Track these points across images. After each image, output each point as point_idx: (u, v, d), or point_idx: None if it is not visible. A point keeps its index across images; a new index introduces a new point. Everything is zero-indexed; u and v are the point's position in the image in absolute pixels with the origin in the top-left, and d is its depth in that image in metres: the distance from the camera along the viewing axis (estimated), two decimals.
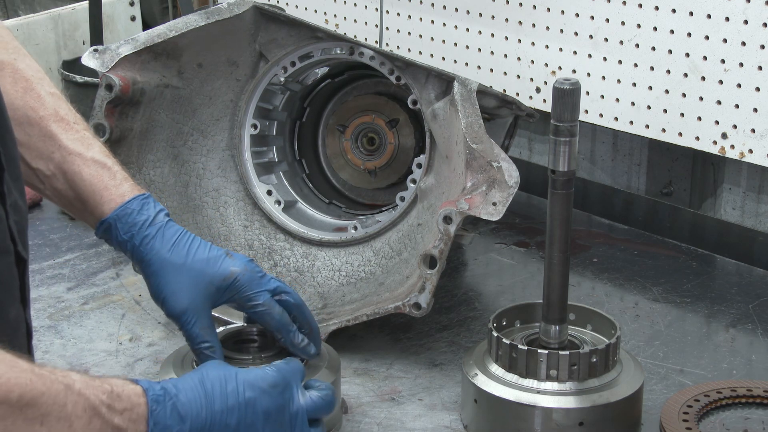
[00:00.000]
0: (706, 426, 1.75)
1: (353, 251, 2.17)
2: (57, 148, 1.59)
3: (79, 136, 1.62)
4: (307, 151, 2.42)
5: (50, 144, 1.58)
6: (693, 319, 2.13)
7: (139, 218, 1.60)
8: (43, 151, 1.58)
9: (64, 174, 1.59)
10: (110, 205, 1.59)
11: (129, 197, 1.61)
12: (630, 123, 2.45)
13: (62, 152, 1.59)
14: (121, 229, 1.60)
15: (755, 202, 2.47)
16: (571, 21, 2.48)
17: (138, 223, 1.60)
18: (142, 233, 1.60)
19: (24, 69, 1.59)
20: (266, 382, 1.41)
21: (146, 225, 1.60)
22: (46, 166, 1.59)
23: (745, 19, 2.20)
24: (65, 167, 1.59)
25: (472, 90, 1.96)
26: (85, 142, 1.62)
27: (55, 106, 1.60)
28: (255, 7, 2.16)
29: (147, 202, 1.63)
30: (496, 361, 1.72)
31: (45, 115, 1.58)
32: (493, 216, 1.81)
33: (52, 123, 1.59)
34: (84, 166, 1.59)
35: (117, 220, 1.60)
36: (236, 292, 1.62)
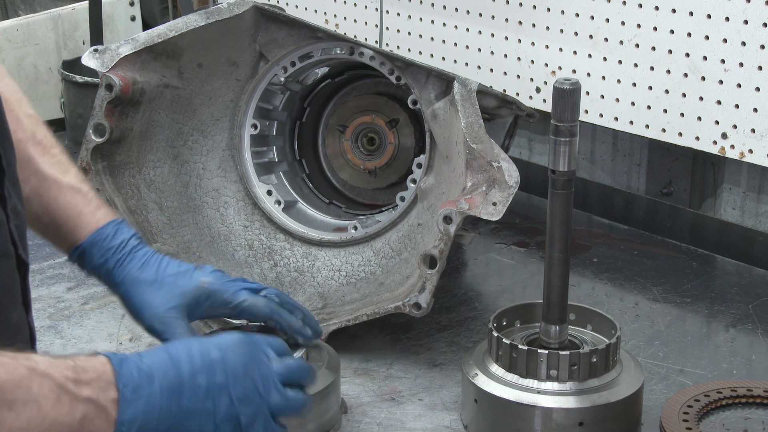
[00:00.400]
0: (706, 426, 1.75)
1: (353, 251, 2.17)
2: (34, 172, 1.60)
3: (56, 160, 1.63)
4: (307, 151, 2.43)
5: (27, 168, 1.59)
6: (693, 319, 2.13)
7: (113, 243, 1.63)
8: (20, 173, 1.55)
9: (40, 198, 1.61)
10: (85, 231, 1.62)
11: (103, 223, 1.64)
12: (630, 123, 2.45)
13: (38, 176, 1.60)
14: (96, 253, 1.63)
15: (755, 202, 2.47)
16: (571, 21, 2.48)
17: (112, 248, 1.63)
18: (116, 257, 1.63)
19: (2, 90, 1.58)
20: (232, 342, 1.40)
21: (119, 249, 1.63)
22: (22, 189, 1.56)
23: (745, 19, 2.20)
24: (41, 191, 1.61)
25: (472, 90, 1.96)
26: (61, 167, 1.63)
27: (33, 129, 1.61)
28: (255, 7, 2.16)
29: (120, 228, 1.65)
30: (496, 361, 1.72)
31: (23, 138, 1.59)
32: (493, 216, 1.81)
33: (30, 146, 1.60)
34: (59, 191, 1.61)
35: (92, 245, 1.62)
36: (213, 299, 1.64)
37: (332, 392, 1.70)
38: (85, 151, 2.07)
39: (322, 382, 1.66)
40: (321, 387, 1.65)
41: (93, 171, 2.08)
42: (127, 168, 2.13)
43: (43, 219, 1.61)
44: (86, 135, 2.07)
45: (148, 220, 2.12)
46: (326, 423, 1.69)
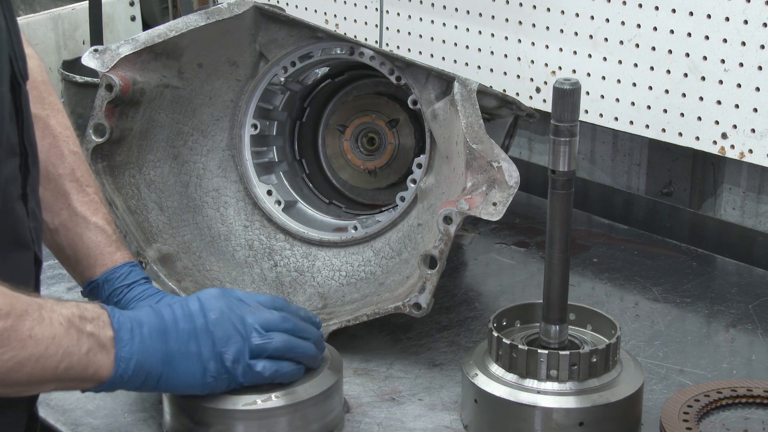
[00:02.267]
0: (706, 426, 1.75)
1: (353, 251, 2.17)
2: (66, 207, 1.72)
3: (89, 199, 1.75)
4: (307, 151, 2.43)
5: (61, 201, 1.72)
6: (693, 319, 2.13)
7: (125, 282, 1.74)
8: (53, 205, 1.71)
9: (67, 231, 1.72)
10: (102, 268, 1.74)
11: (120, 263, 1.75)
12: (630, 123, 2.45)
13: (70, 211, 1.72)
14: (107, 289, 1.73)
15: (755, 202, 2.47)
16: (571, 21, 2.48)
17: (122, 287, 1.73)
18: (123, 293, 1.73)
19: (54, 126, 1.72)
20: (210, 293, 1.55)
21: (128, 288, 1.74)
22: (51, 220, 1.71)
23: (745, 19, 2.20)
24: (70, 226, 1.72)
25: (472, 90, 1.96)
26: (92, 206, 1.75)
27: (74, 166, 1.74)
28: (255, 7, 2.16)
29: (134, 270, 1.77)
30: (496, 361, 1.72)
31: (63, 173, 1.72)
32: (494, 216, 1.81)
33: (67, 182, 1.72)
34: (86, 229, 1.73)
35: (105, 281, 1.74)
36: None
37: (335, 393, 1.70)
38: (85, 152, 2.07)
39: (325, 383, 1.66)
40: (324, 388, 1.66)
41: (93, 171, 2.08)
42: (127, 168, 2.13)
43: (67, 251, 1.73)
44: (86, 135, 2.07)
45: (148, 220, 2.12)
46: (329, 423, 1.69)
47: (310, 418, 1.64)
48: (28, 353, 1.29)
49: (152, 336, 1.45)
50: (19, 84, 1.43)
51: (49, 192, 1.68)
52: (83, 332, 1.36)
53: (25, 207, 1.42)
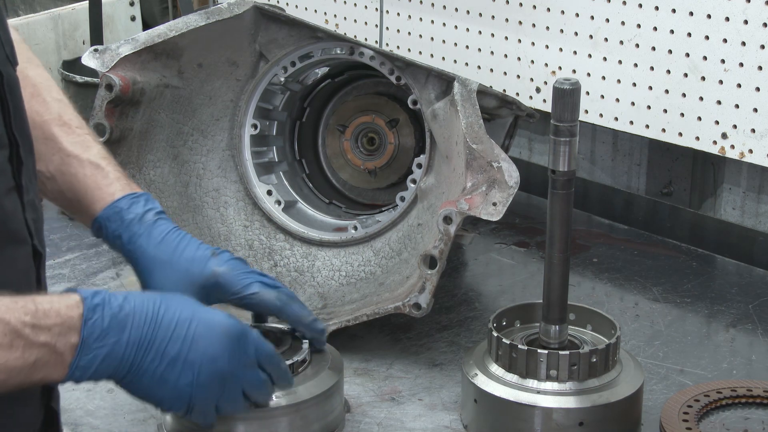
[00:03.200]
0: (706, 426, 1.75)
1: (353, 251, 2.17)
2: (57, 151, 1.62)
3: (80, 139, 1.65)
4: (307, 151, 2.43)
5: (51, 146, 1.62)
6: (693, 319, 2.13)
7: (127, 216, 1.62)
8: (44, 153, 1.61)
9: (62, 175, 1.62)
10: (101, 204, 1.62)
11: (118, 196, 1.63)
12: (630, 123, 2.45)
13: (61, 155, 1.62)
14: (110, 227, 1.63)
15: (755, 202, 2.47)
16: (571, 21, 2.48)
17: (126, 221, 1.62)
18: (130, 231, 1.62)
19: (33, 76, 1.63)
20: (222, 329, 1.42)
21: (134, 222, 1.62)
22: (46, 168, 1.62)
23: (745, 19, 2.20)
24: (63, 169, 1.62)
25: (472, 90, 1.96)
26: (83, 144, 1.65)
27: (60, 111, 1.64)
28: (255, 7, 2.16)
29: (136, 201, 1.64)
30: (496, 361, 1.72)
31: (48, 119, 1.62)
32: (493, 216, 1.81)
33: (55, 126, 1.62)
34: (80, 167, 1.63)
35: (106, 219, 1.63)
36: (223, 290, 1.63)
37: (336, 393, 1.70)
38: None
39: (326, 383, 1.66)
40: (325, 388, 1.65)
41: None
42: (127, 168, 2.13)
43: (67, 195, 1.63)
44: None
45: None
46: (330, 423, 1.68)
47: (311, 418, 1.64)
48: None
49: (129, 346, 1.34)
50: (7, 71, 1.36)
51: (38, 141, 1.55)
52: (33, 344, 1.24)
53: (20, 199, 1.35)
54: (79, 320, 1.30)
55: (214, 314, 1.43)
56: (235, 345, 1.43)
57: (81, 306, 1.31)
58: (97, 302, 1.32)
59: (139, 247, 1.62)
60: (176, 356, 1.37)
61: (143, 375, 1.36)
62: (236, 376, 1.45)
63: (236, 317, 1.47)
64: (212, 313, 1.43)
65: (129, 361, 1.34)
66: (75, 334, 1.29)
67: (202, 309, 1.43)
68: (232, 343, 1.42)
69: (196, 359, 1.38)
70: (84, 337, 1.29)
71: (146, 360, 1.35)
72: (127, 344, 1.33)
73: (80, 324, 1.29)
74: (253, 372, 1.48)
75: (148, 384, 1.37)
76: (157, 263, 1.61)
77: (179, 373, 1.37)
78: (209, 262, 1.63)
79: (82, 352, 1.29)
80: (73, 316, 1.29)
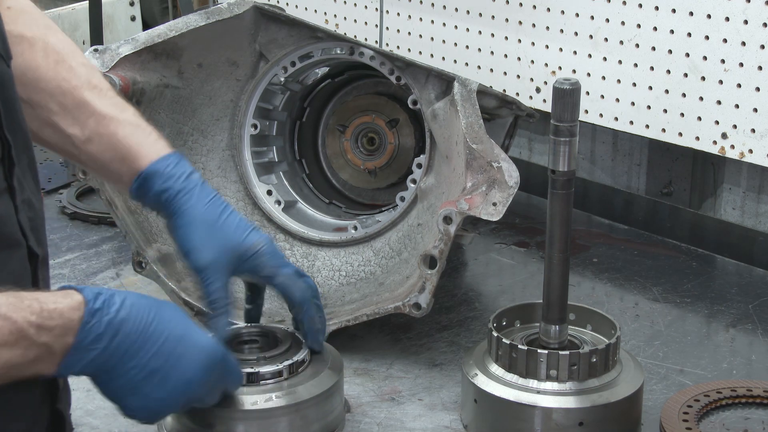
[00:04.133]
0: (706, 426, 1.75)
1: (353, 251, 2.17)
2: (91, 114, 1.62)
3: (113, 101, 1.66)
4: (307, 151, 2.42)
5: (85, 110, 1.62)
6: (693, 319, 2.13)
7: (177, 171, 1.63)
8: (77, 117, 1.62)
9: (99, 137, 1.63)
10: (148, 159, 1.63)
11: (164, 153, 1.65)
12: (630, 123, 2.45)
13: (97, 117, 1.62)
14: (158, 180, 1.63)
15: (755, 202, 2.47)
16: (571, 21, 2.48)
17: (175, 176, 1.63)
18: (179, 185, 1.63)
19: (55, 43, 1.63)
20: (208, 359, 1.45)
21: (183, 178, 1.63)
22: (81, 132, 1.62)
23: (745, 19, 2.20)
24: (101, 130, 1.63)
25: (472, 90, 1.96)
26: (118, 106, 1.66)
27: (88, 76, 1.64)
28: (255, 7, 2.16)
29: (182, 160, 1.66)
30: (496, 361, 1.72)
31: (78, 84, 1.62)
32: (493, 216, 1.81)
33: (86, 91, 1.63)
34: (119, 127, 1.63)
35: (153, 173, 1.63)
36: (260, 262, 1.66)
37: (336, 393, 1.69)
38: None
39: (326, 383, 1.66)
40: (325, 388, 1.65)
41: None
42: None
43: (104, 156, 1.63)
44: None
45: (148, 220, 2.12)
46: (330, 423, 1.68)
47: (311, 418, 1.64)
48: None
49: (116, 351, 1.35)
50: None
51: (69, 106, 1.60)
52: (34, 343, 1.26)
53: (12, 201, 1.34)
54: (78, 323, 1.31)
55: (200, 337, 1.45)
56: (211, 374, 1.46)
57: (82, 309, 1.32)
58: (98, 307, 1.33)
59: (187, 202, 1.63)
60: (156, 371, 1.39)
61: (118, 379, 1.37)
62: (202, 399, 1.49)
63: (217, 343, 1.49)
64: (200, 335, 1.45)
65: (111, 365, 1.36)
66: (71, 335, 1.30)
67: (192, 329, 1.45)
68: (210, 372, 1.45)
69: (173, 378, 1.40)
70: (78, 340, 1.31)
71: (126, 367, 1.37)
72: (115, 350, 1.35)
73: (78, 327, 1.31)
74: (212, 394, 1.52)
75: (120, 389, 1.38)
76: (203, 223, 1.63)
77: (153, 387, 1.39)
78: (251, 234, 1.66)
79: (74, 353, 1.31)
80: (74, 319, 1.31)
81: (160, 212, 1.67)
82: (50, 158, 2.97)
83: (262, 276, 1.68)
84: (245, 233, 1.66)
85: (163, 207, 1.64)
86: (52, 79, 1.60)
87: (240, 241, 1.65)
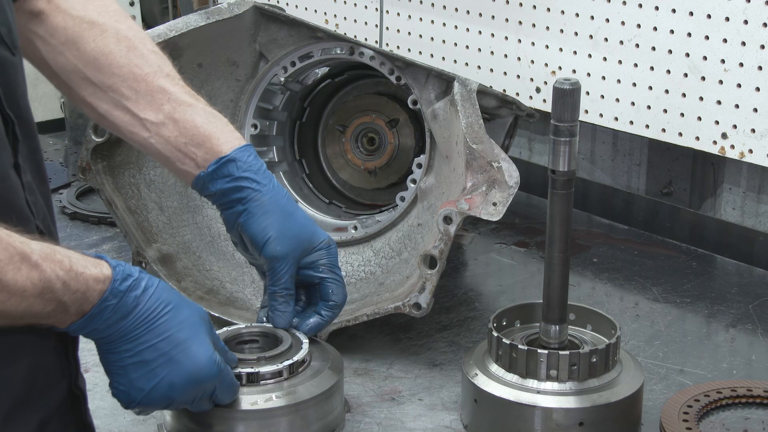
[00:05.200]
0: (706, 426, 1.75)
1: (353, 251, 2.17)
2: (167, 100, 1.66)
3: (187, 90, 1.70)
4: (307, 151, 2.43)
5: (160, 96, 1.66)
6: (693, 319, 2.13)
7: (256, 162, 1.68)
8: (152, 102, 1.66)
9: (175, 122, 1.66)
10: (230, 145, 1.66)
11: (245, 143, 1.69)
12: (630, 123, 2.45)
13: (173, 103, 1.66)
14: (241, 166, 1.66)
15: (755, 202, 2.47)
16: (571, 21, 2.48)
17: (255, 166, 1.67)
18: (259, 176, 1.66)
19: (125, 30, 1.67)
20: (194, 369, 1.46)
21: (262, 170, 1.68)
22: (155, 116, 1.66)
23: (745, 19, 2.20)
24: (177, 116, 1.66)
25: (472, 90, 1.96)
26: (192, 95, 1.70)
27: (160, 64, 1.69)
28: (255, 7, 2.16)
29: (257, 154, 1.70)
30: (496, 361, 1.72)
31: (151, 71, 1.67)
32: (493, 216, 1.81)
33: (161, 78, 1.67)
34: (196, 114, 1.67)
35: (236, 159, 1.66)
36: (320, 257, 1.69)
37: (336, 393, 1.69)
38: (85, 151, 2.07)
39: (326, 383, 1.66)
40: (325, 388, 1.65)
41: (93, 171, 2.08)
42: (127, 168, 2.13)
43: (178, 140, 1.66)
44: (86, 135, 2.07)
45: (148, 220, 2.12)
46: (330, 423, 1.68)
47: (311, 417, 1.64)
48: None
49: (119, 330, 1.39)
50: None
51: (142, 92, 1.65)
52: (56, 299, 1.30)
53: (19, 178, 1.36)
54: (98, 296, 1.34)
55: (200, 350, 1.46)
56: (196, 387, 1.47)
57: (107, 283, 1.35)
58: (122, 289, 1.37)
59: (266, 194, 1.66)
60: (145, 362, 1.42)
61: (113, 354, 1.42)
62: (184, 404, 1.51)
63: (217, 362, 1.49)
64: (201, 347, 1.46)
65: (111, 340, 1.40)
66: (89, 305, 1.34)
67: (198, 337, 1.46)
68: (194, 384, 1.46)
69: (158, 376, 1.43)
70: (92, 313, 1.35)
71: (121, 347, 1.41)
72: (118, 329, 1.39)
73: (97, 300, 1.34)
74: (199, 403, 1.53)
75: (112, 364, 1.43)
76: (282, 214, 1.67)
77: (139, 376, 1.43)
78: (317, 230, 1.71)
79: (85, 322, 1.35)
80: (96, 290, 1.34)
81: (223, 199, 1.68)
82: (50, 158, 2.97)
83: (317, 271, 1.71)
84: (314, 228, 1.71)
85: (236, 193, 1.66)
86: (125, 65, 1.64)
87: (310, 235, 1.69)
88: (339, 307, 1.72)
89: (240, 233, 1.68)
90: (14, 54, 1.38)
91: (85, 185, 2.71)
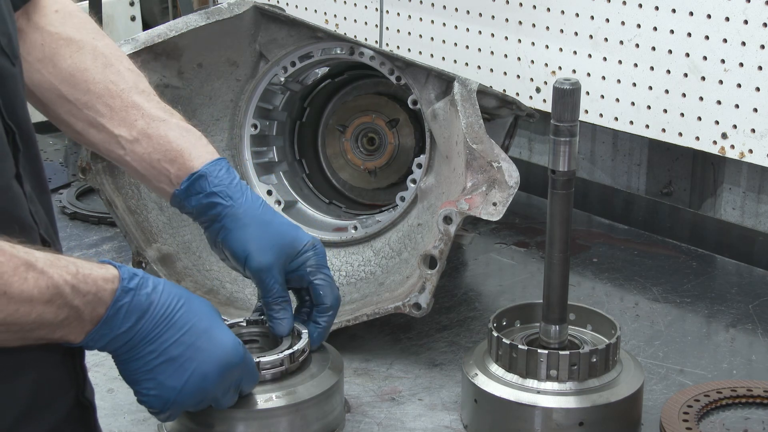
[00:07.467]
0: (706, 426, 1.75)
1: (353, 251, 2.17)
2: (141, 116, 1.66)
3: (161, 106, 1.69)
4: (307, 151, 2.43)
5: (133, 112, 1.66)
6: (693, 319, 2.13)
7: (228, 175, 1.66)
8: (126, 118, 1.65)
9: (148, 138, 1.66)
10: (201, 160, 1.65)
11: (217, 157, 1.68)
12: (630, 123, 2.45)
13: (146, 119, 1.66)
14: (212, 182, 1.65)
15: (755, 202, 2.47)
16: (571, 21, 2.48)
17: (227, 179, 1.66)
18: (231, 190, 1.66)
19: (102, 47, 1.67)
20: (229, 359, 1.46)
21: (235, 182, 1.66)
22: (128, 132, 1.65)
23: (745, 19, 2.20)
24: (150, 132, 1.66)
25: (472, 90, 1.96)
26: (166, 110, 1.69)
27: (135, 81, 1.68)
28: (255, 7, 2.16)
29: (230, 166, 1.69)
30: (496, 361, 1.72)
31: (126, 87, 1.66)
32: (493, 216, 1.82)
33: (135, 95, 1.67)
34: (169, 129, 1.66)
35: (207, 174, 1.65)
36: (307, 259, 1.69)
37: (336, 393, 1.69)
38: (85, 151, 2.07)
39: (326, 383, 1.66)
40: (325, 388, 1.65)
41: (93, 171, 2.08)
42: None
43: (152, 156, 1.66)
44: None
45: (148, 220, 2.12)
46: (331, 423, 1.68)
47: (311, 418, 1.64)
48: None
49: (139, 334, 1.37)
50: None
51: (117, 108, 1.64)
52: (67, 304, 1.28)
53: (21, 188, 1.35)
54: (111, 296, 1.33)
55: (224, 335, 1.46)
56: (228, 373, 1.47)
57: (116, 282, 1.34)
58: (132, 287, 1.36)
59: (240, 207, 1.65)
60: (174, 359, 1.40)
61: (137, 361, 1.39)
62: (215, 397, 1.49)
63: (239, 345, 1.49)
64: (224, 333, 1.46)
65: (132, 345, 1.38)
66: (103, 307, 1.33)
67: (217, 324, 1.46)
68: (226, 370, 1.46)
69: (190, 369, 1.42)
70: (109, 315, 1.33)
71: (144, 351, 1.39)
72: (138, 331, 1.37)
73: (110, 300, 1.33)
74: (228, 395, 1.52)
75: (138, 371, 1.40)
76: (260, 226, 1.66)
77: (169, 375, 1.41)
78: (299, 233, 1.70)
79: (103, 327, 1.33)
80: (107, 290, 1.33)
81: (201, 217, 1.68)
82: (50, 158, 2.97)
83: (305, 275, 1.69)
84: (297, 232, 1.70)
85: (210, 210, 1.66)
86: (101, 81, 1.63)
87: (291, 240, 1.68)
88: (332, 308, 1.70)
89: (223, 250, 1.68)
90: (14, 64, 1.38)
91: (85, 185, 2.71)
